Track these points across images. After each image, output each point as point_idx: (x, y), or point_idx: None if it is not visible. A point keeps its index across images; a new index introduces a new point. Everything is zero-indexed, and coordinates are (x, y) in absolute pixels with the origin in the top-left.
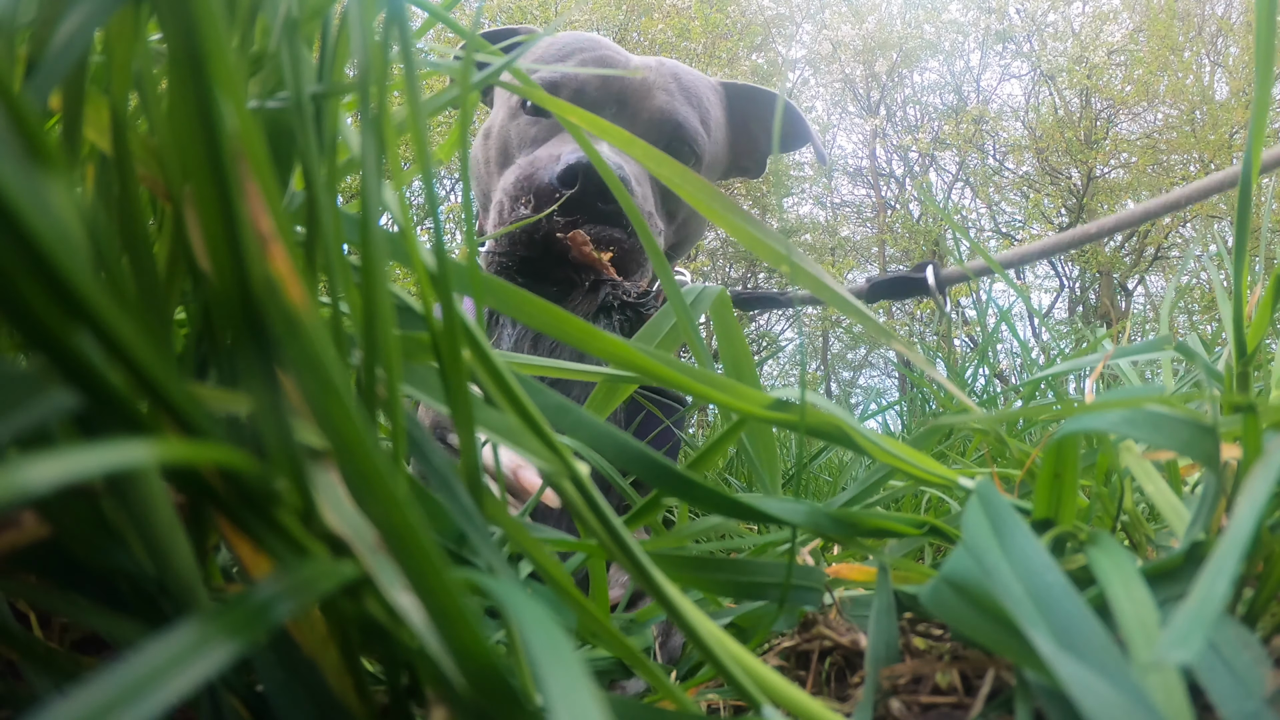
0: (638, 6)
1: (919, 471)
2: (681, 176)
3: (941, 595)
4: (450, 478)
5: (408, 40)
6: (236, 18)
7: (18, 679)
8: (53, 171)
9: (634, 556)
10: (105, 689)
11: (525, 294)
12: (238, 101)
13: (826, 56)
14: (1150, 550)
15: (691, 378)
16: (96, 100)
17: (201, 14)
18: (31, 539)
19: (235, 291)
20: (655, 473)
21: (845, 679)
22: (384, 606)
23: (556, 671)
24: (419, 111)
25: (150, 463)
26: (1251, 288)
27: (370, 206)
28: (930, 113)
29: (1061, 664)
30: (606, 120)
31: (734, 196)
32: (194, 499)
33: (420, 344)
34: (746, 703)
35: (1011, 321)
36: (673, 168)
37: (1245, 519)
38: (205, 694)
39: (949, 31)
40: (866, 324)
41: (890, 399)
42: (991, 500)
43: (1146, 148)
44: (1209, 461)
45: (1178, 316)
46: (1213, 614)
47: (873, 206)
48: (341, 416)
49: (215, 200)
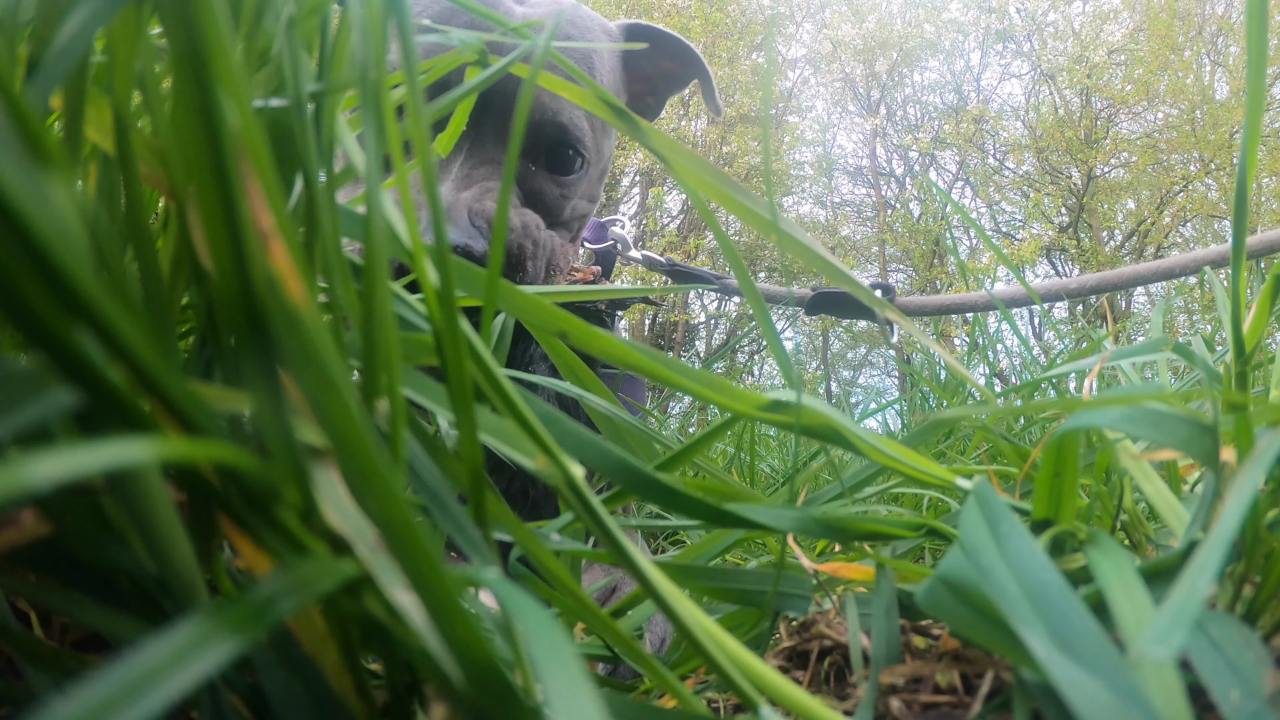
0: (637, 5)
1: (914, 471)
2: (671, 150)
3: (938, 595)
4: (440, 489)
5: (407, 33)
6: (240, 16)
7: (17, 677)
8: (54, 170)
9: (632, 558)
10: (105, 686)
11: (526, 294)
12: (240, 100)
13: (826, 56)
14: (1150, 550)
15: (688, 377)
16: (98, 100)
17: (203, 13)
18: (32, 537)
19: (237, 289)
20: (639, 481)
21: (844, 678)
22: (384, 605)
23: (556, 670)
24: (419, 106)
25: (150, 461)
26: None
27: (373, 204)
28: (930, 112)
29: (1055, 664)
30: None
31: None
32: (195, 497)
33: (422, 345)
34: (744, 701)
35: (1012, 319)
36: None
37: (1233, 514)
38: (205, 692)
39: (949, 31)
40: (859, 293)
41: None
42: (989, 500)
43: (1147, 147)
44: (1209, 460)
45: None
46: (1196, 608)
47: (873, 206)
48: (341, 414)
49: (217, 198)
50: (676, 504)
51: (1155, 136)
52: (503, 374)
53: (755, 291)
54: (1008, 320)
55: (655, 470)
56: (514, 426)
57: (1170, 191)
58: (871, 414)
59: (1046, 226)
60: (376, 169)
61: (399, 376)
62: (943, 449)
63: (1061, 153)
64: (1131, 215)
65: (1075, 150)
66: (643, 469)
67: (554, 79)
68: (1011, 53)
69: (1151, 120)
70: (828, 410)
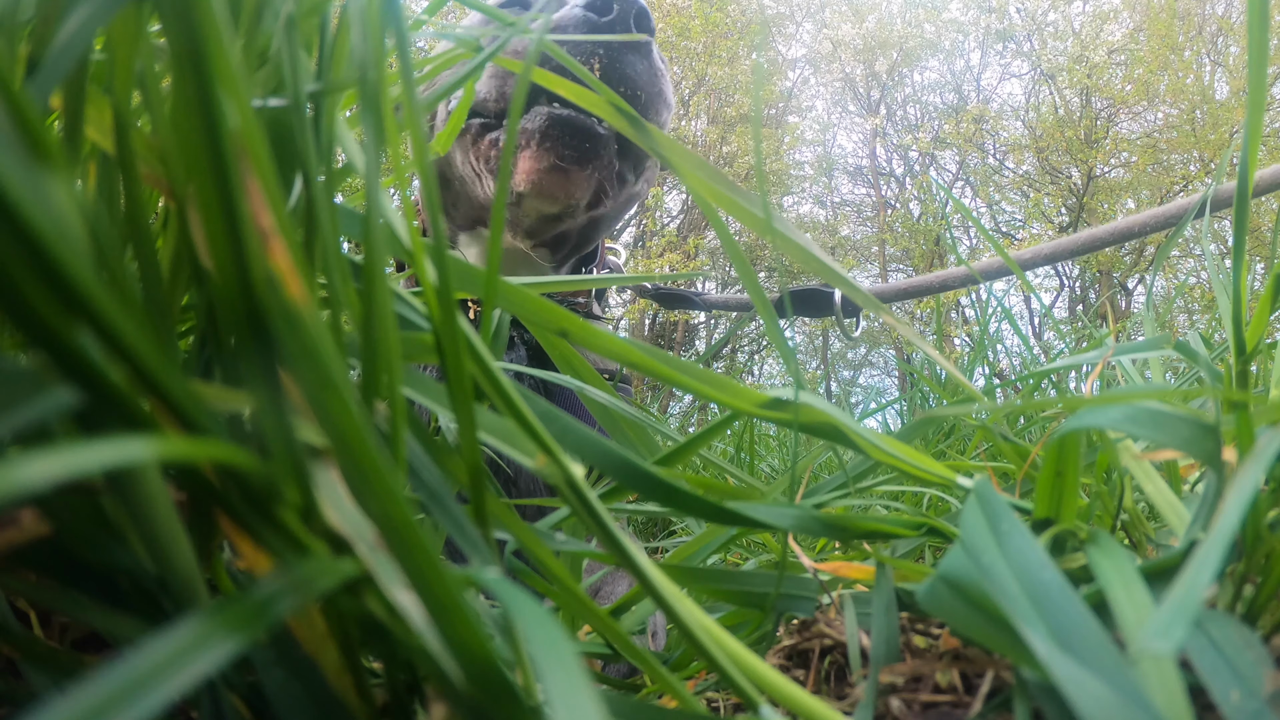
0: None
1: (914, 469)
2: (673, 151)
3: (938, 594)
4: (439, 488)
5: (402, 32)
6: (239, 16)
7: (17, 677)
8: (54, 169)
9: (633, 558)
10: (105, 686)
11: (528, 294)
12: (240, 100)
13: (827, 55)
14: (1150, 549)
15: (689, 375)
16: (98, 99)
17: (203, 13)
18: (31, 537)
19: (237, 288)
20: (638, 479)
21: (845, 677)
22: (384, 604)
23: (556, 669)
24: (413, 104)
25: (150, 459)
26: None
27: (372, 203)
28: (930, 112)
29: (1057, 663)
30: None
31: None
32: (195, 497)
33: (421, 344)
34: (744, 701)
35: (1014, 318)
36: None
37: (1233, 512)
38: (205, 691)
39: (949, 30)
40: (853, 293)
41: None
42: (990, 499)
43: (1147, 147)
44: (1210, 460)
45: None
46: (1197, 604)
47: (873, 206)
48: (341, 412)
49: (217, 197)
50: (677, 502)
51: (1155, 136)
52: (503, 373)
53: (759, 288)
54: (1009, 321)
55: (656, 468)
56: (514, 425)
57: (1170, 191)
58: (871, 413)
59: (1046, 226)
60: (376, 168)
61: (399, 376)
62: (943, 448)
63: (1061, 153)
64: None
65: (1075, 150)
66: (644, 467)
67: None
68: (1011, 53)
69: (1151, 120)
70: (828, 408)
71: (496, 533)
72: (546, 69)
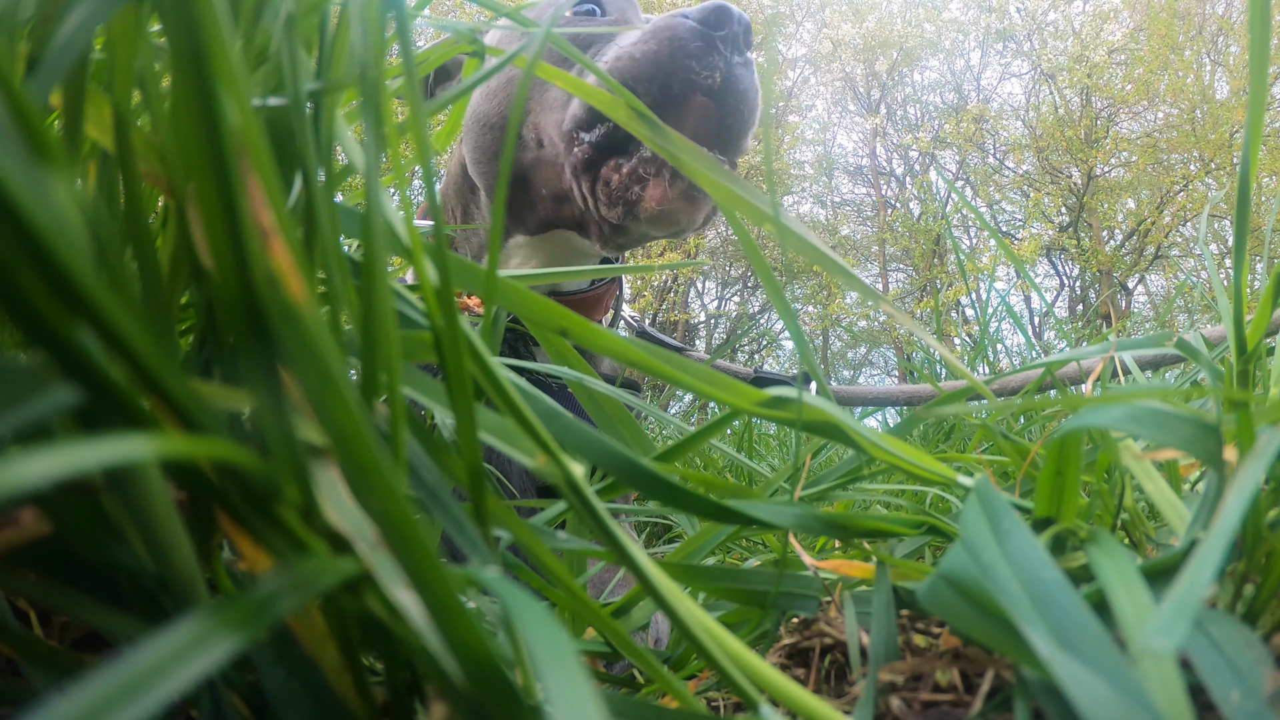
0: (638, 6)
1: (914, 467)
2: (682, 151)
3: (939, 592)
4: (439, 487)
5: (405, 27)
6: (239, 15)
7: (18, 677)
8: (54, 168)
9: (633, 558)
10: (105, 685)
11: (530, 293)
12: (240, 98)
13: (827, 55)
14: (1150, 548)
15: (689, 374)
16: (98, 98)
17: (203, 11)
18: (31, 536)
19: (237, 287)
20: (639, 477)
21: (845, 676)
22: (384, 603)
23: (556, 669)
24: (417, 100)
25: (149, 457)
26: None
27: (372, 201)
28: (930, 111)
29: (1058, 662)
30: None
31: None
32: (195, 495)
33: (421, 343)
34: (744, 700)
35: (1016, 315)
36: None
37: (1233, 510)
38: (205, 690)
39: (949, 30)
40: (857, 288)
41: None
42: (990, 498)
43: (1147, 146)
44: (1211, 460)
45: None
46: (1197, 602)
47: (873, 205)
48: (341, 410)
49: (217, 196)
50: (678, 500)
51: (1155, 136)
52: (502, 372)
53: (773, 280)
54: (1012, 316)
55: (656, 467)
56: (513, 424)
57: (1170, 191)
58: (871, 413)
59: (1046, 226)
60: (375, 167)
61: (399, 374)
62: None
63: (1061, 152)
64: (1131, 215)
65: (1075, 150)
66: (644, 465)
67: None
68: (1011, 52)
69: (1151, 120)
70: (828, 406)
71: (494, 530)
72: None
